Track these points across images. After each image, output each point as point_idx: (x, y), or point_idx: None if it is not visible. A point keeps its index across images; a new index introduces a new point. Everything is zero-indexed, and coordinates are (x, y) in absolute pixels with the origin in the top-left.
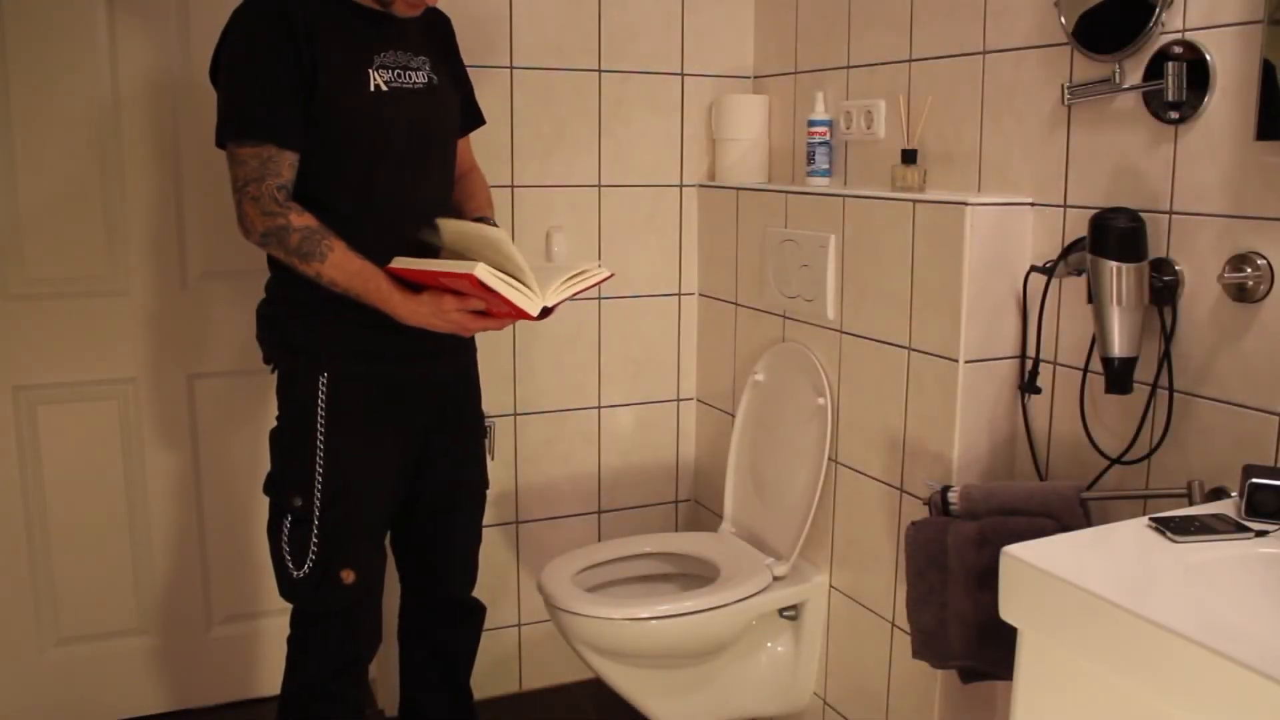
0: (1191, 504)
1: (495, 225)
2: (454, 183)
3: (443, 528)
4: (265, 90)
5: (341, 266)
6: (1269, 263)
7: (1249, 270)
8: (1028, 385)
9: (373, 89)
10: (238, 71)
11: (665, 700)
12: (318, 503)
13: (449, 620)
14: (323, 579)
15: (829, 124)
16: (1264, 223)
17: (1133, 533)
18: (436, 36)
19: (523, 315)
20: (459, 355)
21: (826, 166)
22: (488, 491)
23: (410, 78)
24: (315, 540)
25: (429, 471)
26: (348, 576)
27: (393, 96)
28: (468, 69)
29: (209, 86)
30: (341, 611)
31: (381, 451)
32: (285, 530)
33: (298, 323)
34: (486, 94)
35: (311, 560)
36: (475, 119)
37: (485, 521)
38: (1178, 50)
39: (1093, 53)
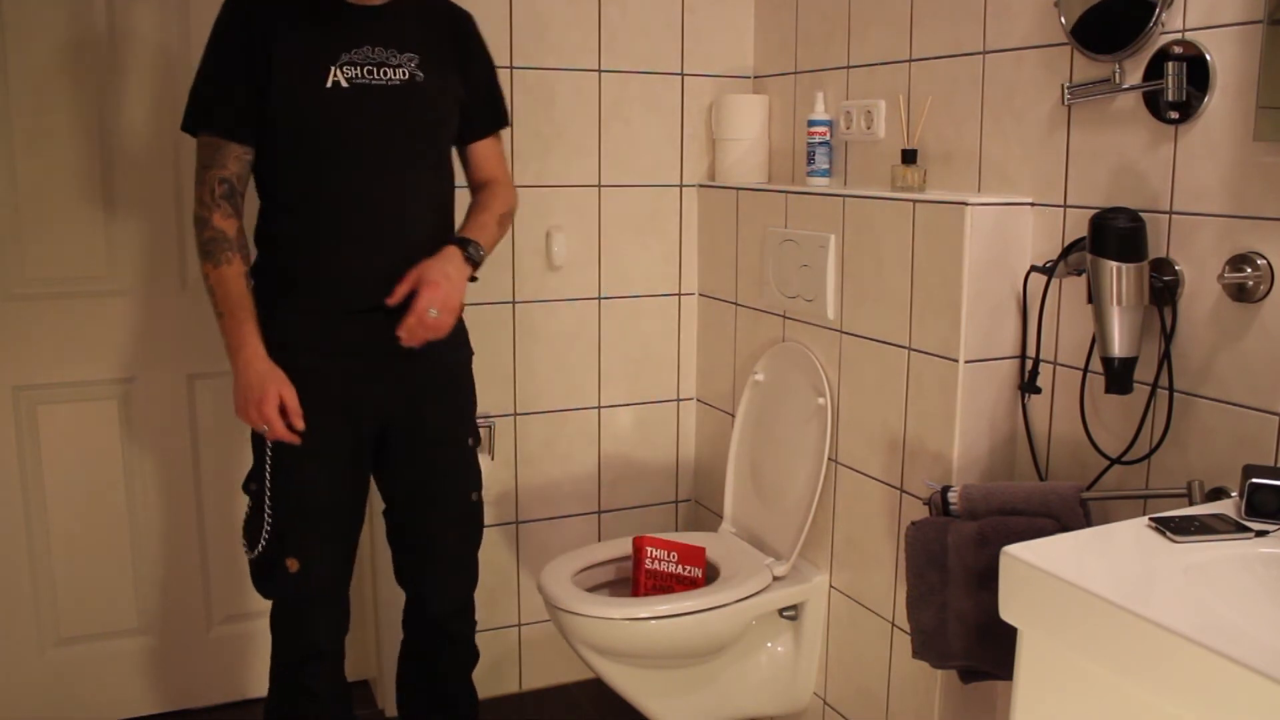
0: (1191, 504)
1: (468, 248)
2: (443, 185)
3: (420, 543)
4: (217, 83)
5: (224, 284)
6: (1269, 263)
7: (1249, 270)
8: (1028, 385)
9: (330, 85)
10: (203, 63)
11: (665, 700)
12: (267, 489)
13: (436, 643)
14: (271, 565)
15: (829, 124)
16: (1264, 223)
17: (1133, 533)
18: (441, 34)
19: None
20: (420, 360)
21: (826, 166)
22: (480, 499)
23: (383, 75)
24: (266, 526)
25: (391, 476)
26: (292, 565)
27: (353, 94)
28: None
29: None
30: (292, 600)
31: (326, 444)
32: (246, 514)
33: (261, 311)
34: None
35: (261, 545)
36: (492, 122)
37: (486, 521)
38: (1178, 50)
39: (1093, 53)
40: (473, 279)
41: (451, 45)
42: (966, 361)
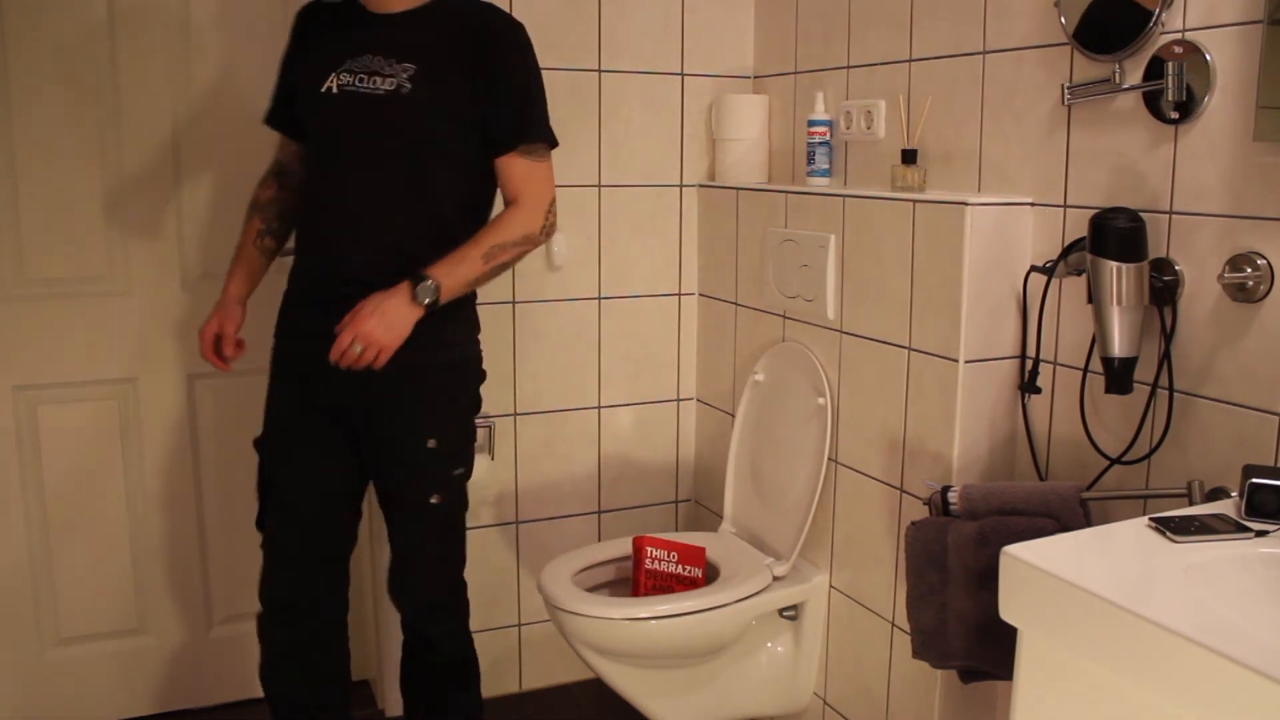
0: (1191, 504)
1: (418, 286)
2: (430, 196)
3: (391, 541)
4: (276, 85)
5: (242, 235)
6: (1269, 263)
7: (1249, 270)
8: (1028, 385)
9: (324, 91)
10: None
11: (665, 700)
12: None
13: (415, 642)
14: (261, 512)
15: (829, 124)
16: (1264, 223)
17: (1133, 533)
18: (456, 44)
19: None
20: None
21: (826, 166)
22: (444, 502)
23: (372, 83)
24: (257, 478)
25: (371, 472)
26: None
27: (340, 100)
28: None
29: (208, 89)
30: (263, 547)
31: (290, 423)
32: None
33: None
34: None
35: (257, 494)
36: (511, 138)
37: (485, 521)
38: (1178, 50)
39: (1093, 53)
40: (430, 312)
41: (465, 56)
42: (966, 361)
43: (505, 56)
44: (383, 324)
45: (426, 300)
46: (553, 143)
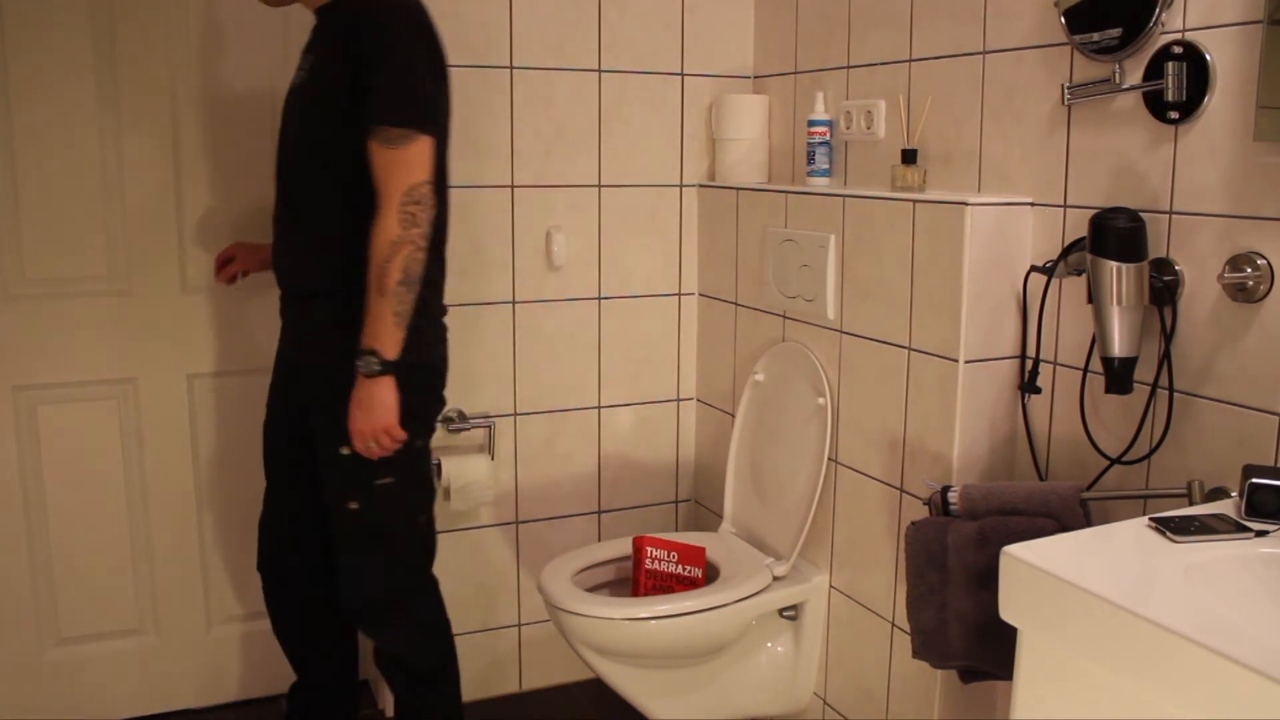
0: (1191, 504)
1: (361, 363)
2: (333, 187)
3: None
4: None
5: None
6: (1269, 263)
7: (1249, 270)
8: (1028, 385)
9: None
10: None
11: (665, 700)
12: None
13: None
14: None
15: (829, 124)
16: (1264, 223)
17: (1133, 533)
18: (336, 30)
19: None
20: (304, 353)
21: (826, 166)
22: (361, 509)
23: (297, 79)
24: None
25: None
26: None
27: (286, 96)
28: (466, 69)
29: (209, 87)
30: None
31: (272, 410)
32: None
33: None
34: (486, 94)
35: None
36: (366, 119)
37: (485, 521)
38: (1178, 50)
39: (1093, 53)
40: (395, 370)
41: (343, 41)
42: (966, 361)
43: (369, 38)
44: (363, 414)
45: (375, 369)
46: (409, 125)
